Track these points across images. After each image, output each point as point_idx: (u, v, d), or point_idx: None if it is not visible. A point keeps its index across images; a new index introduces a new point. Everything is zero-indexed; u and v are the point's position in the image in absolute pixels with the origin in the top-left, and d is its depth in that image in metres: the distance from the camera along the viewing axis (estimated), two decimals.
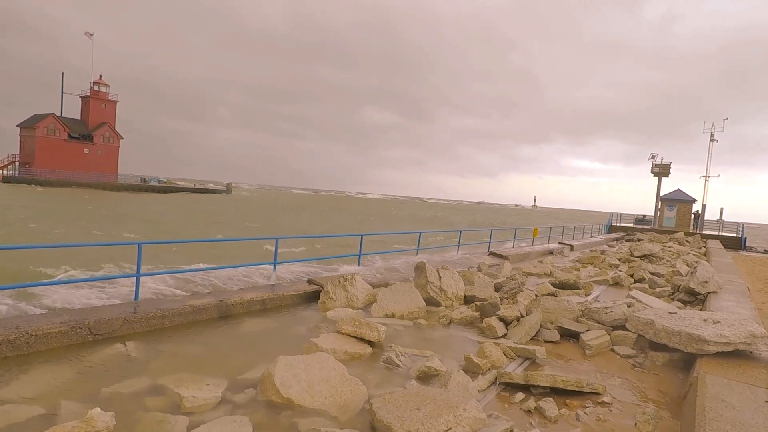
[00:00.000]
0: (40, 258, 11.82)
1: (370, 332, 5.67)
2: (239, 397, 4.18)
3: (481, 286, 8.91)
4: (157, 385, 4.30)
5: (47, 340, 4.86)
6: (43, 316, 5.27)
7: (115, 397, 4.02)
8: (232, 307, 6.56)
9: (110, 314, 5.45)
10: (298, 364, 4.37)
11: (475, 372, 5.10)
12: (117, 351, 5.01)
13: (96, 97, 70.02)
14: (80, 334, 5.10)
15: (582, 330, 6.64)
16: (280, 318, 6.78)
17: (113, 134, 71.51)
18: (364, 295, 7.77)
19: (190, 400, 3.92)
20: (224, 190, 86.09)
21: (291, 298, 7.40)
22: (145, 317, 5.62)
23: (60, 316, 5.28)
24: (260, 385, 4.26)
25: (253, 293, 7.08)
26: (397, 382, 4.84)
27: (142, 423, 3.61)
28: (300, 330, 6.33)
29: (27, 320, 5.05)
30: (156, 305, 6.01)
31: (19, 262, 11.37)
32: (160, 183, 79.35)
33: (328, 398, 4.16)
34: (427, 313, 7.57)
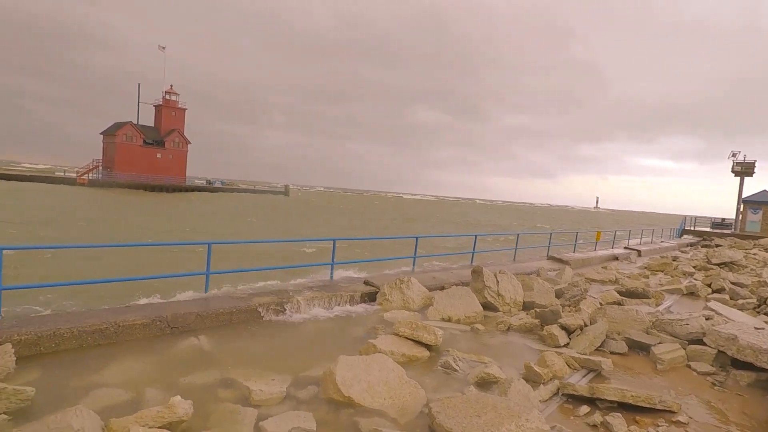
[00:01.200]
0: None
1: (427, 335, 5.68)
2: (302, 393, 4.35)
3: (541, 293, 8.63)
4: (228, 377, 4.57)
5: (132, 331, 5.33)
6: (129, 308, 5.78)
7: (191, 387, 4.32)
8: (293, 306, 6.81)
9: (185, 309, 5.87)
10: (358, 365, 4.47)
11: (536, 381, 4.96)
12: (191, 344, 5.38)
13: (167, 105, 75.34)
14: (159, 327, 5.54)
15: (653, 342, 6.25)
16: (337, 317, 6.96)
17: (182, 139, 76.56)
18: (420, 298, 7.79)
19: (258, 393, 4.13)
20: (282, 191, 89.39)
21: (348, 299, 7.56)
22: (215, 313, 6.00)
23: (142, 309, 5.76)
24: (322, 383, 4.41)
25: (312, 292, 7.32)
26: (455, 387, 4.82)
27: (216, 413, 3.86)
28: (357, 331, 6.46)
29: (115, 312, 5.55)
30: (224, 302, 6.39)
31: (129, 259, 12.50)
32: (223, 185, 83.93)
33: (387, 399, 4.23)
34: (484, 318, 7.46)
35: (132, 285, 9.15)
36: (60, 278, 8.42)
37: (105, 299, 8.01)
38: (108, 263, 14.03)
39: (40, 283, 7.52)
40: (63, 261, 14.35)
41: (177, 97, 76.59)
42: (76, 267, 13.63)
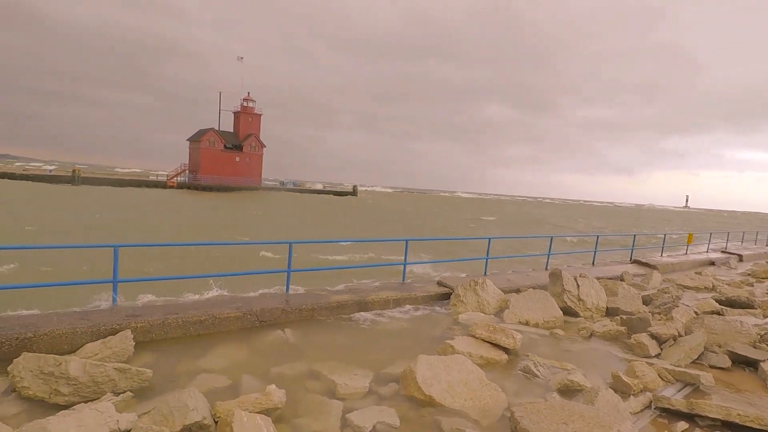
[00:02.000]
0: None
1: (505, 339, 5.61)
2: (384, 389, 4.50)
3: (627, 299, 8.12)
4: (313, 370, 4.84)
5: (226, 323, 5.81)
6: (223, 302, 6.31)
7: (281, 377, 4.64)
8: (369, 304, 7.04)
9: (272, 304, 6.29)
10: (438, 364, 4.53)
11: (625, 392, 4.72)
12: (278, 337, 5.76)
13: (245, 111, 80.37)
14: (249, 320, 5.99)
15: (762, 358, 5.66)
16: (413, 317, 7.06)
17: (258, 143, 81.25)
18: (495, 300, 7.68)
19: (343, 387, 4.35)
20: (350, 192, 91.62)
21: (422, 299, 7.65)
22: (298, 308, 6.36)
23: (234, 302, 6.26)
24: (402, 380, 4.53)
25: (387, 292, 7.49)
26: (536, 392, 4.72)
27: (305, 403, 4.13)
28: (433, 331, 6.52)
29: (212, 304, 6.10)
30: (306, 299, 6.75)
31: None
32: (295, 185, 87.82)
33: (468, 401, 4.25)
34: (564, 324, 7.18)
35: (219, 280, 9.93)
36: (164, 273, 9.39)
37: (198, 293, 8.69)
38: (208, 258, 15.25)
39: (146, 276, 8.41)
40: (168, 257, 15.87)
41: (253, 103, 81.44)
42: (173, 263, 15.02)
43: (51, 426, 2.73)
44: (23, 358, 4.01)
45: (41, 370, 3.87)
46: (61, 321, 5.03)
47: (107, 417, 2.99)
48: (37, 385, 3.84)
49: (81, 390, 3.84)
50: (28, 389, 3.84)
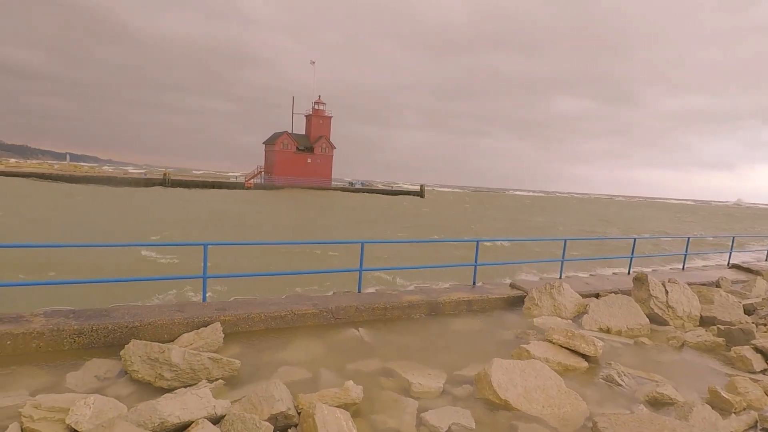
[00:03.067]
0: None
1: (585, 345, 5.34)
2: (458, 391, 4.49)
3: (725, 307, 7.37)
4: (387, 368, 4.96)
5: (304, 319, 6.12)
6: (301, 298, 6.65)
7: (357, 373, 4.80)
8: (440, 306, 7.04)
9: (345, 302, 6.52)
10: (514, 369, 4.44)
11: (725, 409, 4.31)
12: (352, 334, 5.96)
13: (316, 114, 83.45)
14: (325, 317, 6.25)
15: None
16: (486, 320, 6.96)
17: (328, 145, 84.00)
18: (573, 305, 7.33)
19: (417, 386, 4.41)
20: (418, 192, 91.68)
21: (495, 302, 7.50)
22: (371, 307, 6.53)
23: (311, 300, 6.56)
24: (476, 383, 4.49)
25: (459, 293, 7.44)
26: (621, 403, 4.46)
27: (380, 400, 4.24)
28: (506, 334, 6.38)
29: (291, 301, 6.45)
30: (378, 298, 6.90)
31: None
32: (363, 185, 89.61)
33: (546, 408, 4.12)
34: (650, 332, 6.69)
35: (294, 278, 10.43)
36: (249, 270, 10.10)
37: (280, 290, 9.20)
38: (285, 255, 16.08)
39: (234, 273, 9.08)
40: (251, 254, 16.98)
41: (324, 106, 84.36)
42: (260, 260, 16.01)
43: (161, 406, 3.07)
44: (132, 345, 4.52)
45: (148, 356, 4.34)
46: (162, 312, 5.59)
47: (206, 402, 3.29)
48: (145, 369, 4.31)
49: (181, 376, 4.26)
50: (137, 372, 4.33)
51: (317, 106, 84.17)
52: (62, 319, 5.09)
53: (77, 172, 69.84)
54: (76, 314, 5.26)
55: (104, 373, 4.46)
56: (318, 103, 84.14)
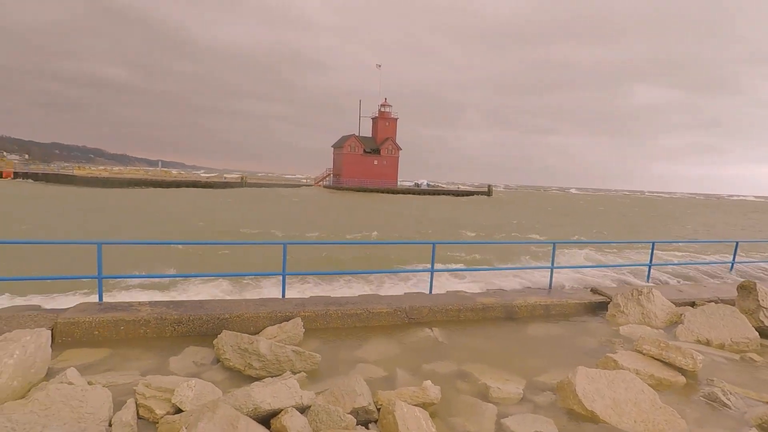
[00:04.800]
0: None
1: (682, 359, 4.91)
2: (539, 398, 4.33)
3: None
4: (463, 371, 4.90)
5: (379, 318, 6.23)
6: (375, 297, 6.78)
7: (432, 374, 4.79)
8: (516, 309, 6.83)
9: (419, 302, 6.54)
10: (600, 379, 4.20)
11: None
12: (427, 335, 5.96)
13: (382, 117, 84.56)
14: (399, 316, 6.31)
15: None
16: (565, 326, 6.63)
17: (394, 147, 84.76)
18: (665, 314, 6.76)
19: (495, 391, 4.31)
20: (485, 192, 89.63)
21: (574, 307, 7.13)
22: (445, 309, 6.49)
23: (386, 300, 6.67)
24: (559, 391, 4.30)
25: (535, 297, 7.17)
26: (726, 425, 4.04)
27: (457, 402, 4.20)
28: (588, 342, 6.03)
29: (367, 299, 6.60)
30: (451, 299, 6.84)
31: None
32: (429, 186, 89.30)
33: (638, 423, 3.84)
34: (760, 347, 5.99)
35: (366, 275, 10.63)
36: (323, 268, 10.53)
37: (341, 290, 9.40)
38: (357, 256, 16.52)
39: (309, 271, 9.49)
40: (323, 252, 17.65)
41: (389, 108, 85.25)
42: (328, 257, 16.59)
43: (254, 393, 3.29)
44: (224, 335, 4.88)
45: (238, 346, 4.66)
46: (248, 306, 5.98)
47: (293, 392, 3.47)
48: (236, 358, 4.63)
49: (267, 366, 4.52)
50: (229, 361, 4.66)
51: (383, 108, 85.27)
52: (164, 309, 5.63)
53: (167, 177, 76.73)
54: (175, 305, 5.79)
55: (200, 360, 4.86)
56: (384, 106, 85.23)
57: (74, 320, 5.19)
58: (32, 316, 5.39)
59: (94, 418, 3.14)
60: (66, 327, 5.11)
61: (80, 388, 3.35)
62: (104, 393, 3.38)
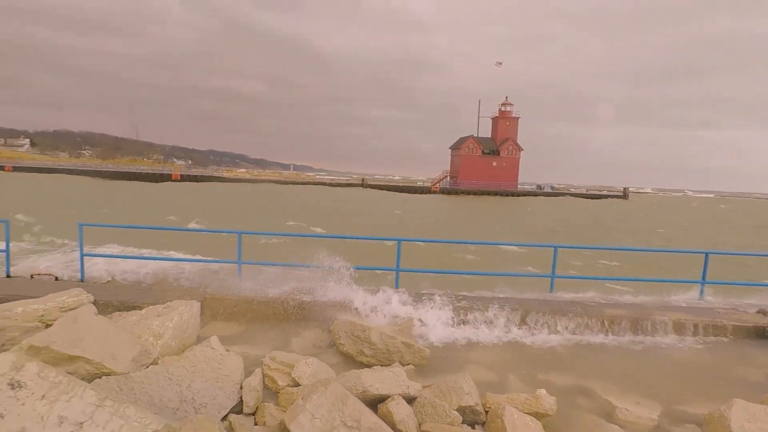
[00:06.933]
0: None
1: None
2: (679, 430, 3.74)
3: None
4: (584, 386, 4.46)
5: None
6: (488, 298, 6.55)
7: (547, 384, 4.44)
8: (651, 325, 5.99)
9: (537, 307, 6.13)
10: (765, 417, 3.46)
11: None
12: (544, 342, 5.56)
13: (502, 116, 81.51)
14: (514, 321, 5.99)
15: None
16: (718, 350, 5.62)
17: (515, 147, 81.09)
18: None
19: (623, 412, 3.84)
20: (620, 195, 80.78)
21: (733, 330, 6.00)
22: (564, 317, 5.98)
23: (499, 300, 6.39)
24: (707, 424, 3.66)
25: (677, 313, 6.22)
26: None
27: (576, 418, 3.84)
28: (750, 372, 5.03)
29: (478, 299, 6.41)
30: (571, 307, 6.27)
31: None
32: (552, 189, 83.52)
33: None
34: None
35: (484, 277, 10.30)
36: (440, 267, 10.57)
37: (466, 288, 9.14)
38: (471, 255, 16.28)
39: (423, 268, 9.55)
40: (439, 253, 17.70)
41: (511, 107, 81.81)
42: (445, 257, 16.56)
43: (363, 377, 3.42)
44: (340, 322, 5.16)
45: (352, 333, 4.89)
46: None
47: (401, 381, 3.53)
48: (349, 344, 4.87)
49: (378, 355, 4.67)
50: (343, 346, 4.92)
51: (503, 107, 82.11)
52: (288, 293, 6.17)
53: (298, 179, 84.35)
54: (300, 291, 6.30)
55: (318, 342, 5.22)
56: (504, 104, 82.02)
57: (218, 297, 5.98)
58: (187, 290, 6.36)
59: (229, 379, 3.57)
60: (211, 302, 5.92)
61: (220, 354, 3.85)
62: (238, 360, 3.83)
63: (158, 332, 4.25)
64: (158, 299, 5.50)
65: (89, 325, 3.44)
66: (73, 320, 3.41)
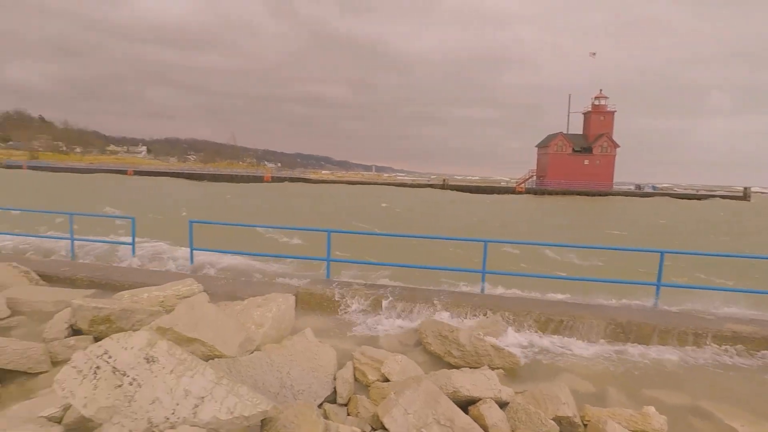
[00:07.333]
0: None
1: None
2: None
3: None
4: (701, 407, 4.00)
5: (586, 328, 5.61)
6: (583, 306, 6.14)
7: (655, 402, 4.04)
8: None
9: (640, 318, 5.63)
10: None
11: None
12: (648, 355, 5.08)
13: (596, 111, 75.84)
14: (613, 330, 5.55)
15: None
16: None
17: (610, 143, 75.05)
18: None
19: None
20: (739, 195, 71.16)
21: None
22: (675, 330, 5.40)
23: (598, 309, 5.97)
24: None
25: None
26: None
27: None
28: None
29: (571, 306, 6.05)
30: (683, 319, 5.66)
31: None
32: (655, 190, 75.99)
33: None
34: None
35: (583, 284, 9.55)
36: (527, 270, 10.18)
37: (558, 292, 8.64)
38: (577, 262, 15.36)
39: (510, 271, 9.21)
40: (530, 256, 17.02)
41: (605, 100, 75.87)
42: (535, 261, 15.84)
43: (454, 377, 3.39)
44: (427, 321, 5.17)
45: (439, 333, 4.87)
46: (452, 297, 6.18)
47: (492, 384, 3.44)
48: (437, 344, 4.85)
49: (466, 356, 4.59)
50: (430, 345, 4.92)
51: (597, 101, 76.29)
52: (376, 291, 6.31)
53: (379, 180, 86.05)
54: (390, 290, 6.42)
55: (405, 340, 5.27)
56: (598, 98, 76.17)
57: (310, 291, 6.31)
58: (282, 284, 6.79)
59: (324, 370, 3.75)
60: (304, 295, 6.25)
61: (315, 345, 4.05)
62: (332, 352, 4.01)
63: (259, 322, 4.59)
64: (257, 291, 5.94)
65: (204, 311, 3.81)
66: (191, 306, 3.80)
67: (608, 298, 7.04)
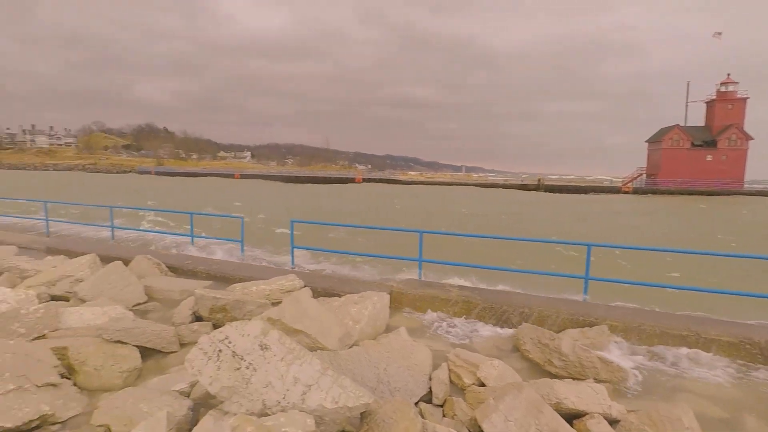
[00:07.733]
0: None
1: None
2: None
3: None
4: None
5: (711, 344, 4.95)
6: (709, 321, 5.43)
7: None
8: None
9: None
10: None
11: None
12: None
13: (722, 99, 66.48)
14: (748, 351, 4.83)
15: None
16: None
17: (741, 136, 65.28)
18: None
19: None
20: None
21: None
22: None
23: (728, 326, 5.24)
24: None
25: None
26: None
27: None
28: None
29: (695, 321, 5.38)
30: None
31: None
32: None
33: None
34: None
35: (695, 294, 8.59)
36: (639, 278, 9.28)
37: (680, 306, 7.77)
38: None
39: (617, 278, 8.45)
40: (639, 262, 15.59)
41: (735, 86, 66.12)
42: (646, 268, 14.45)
43: (557, 387, 3.21)
44: (525, 327, 4.95)
45: (539, 340, 4.64)
46: (549, 304, 5.87)
47: (601, 399, 3.19)
48: (535, 351, 4.63)
49: (569, 367, 4.32)
50: (528, 352, 4.71)
51: (724, 87, 66.65)
52: (470, 293, 6.21)
53: (469, 180, 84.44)
54: (479, 291, 6.30)
55: (500, 345, 5.11)
56: (726, 83, 66.47)
57: (403, 291, 6.39)
58: (377, 282, 6.97)
59: (419, 369, 3.78)
60: (397, 295, 6.35)
61: (410, 343, 4.10)
62: (427, 351, 4.02)
63: (356, 318, 4.77)
64: (353, 289, 6.17)
65: (307, 305, 4.06)
66: (296, 300, 4.08)
67: (735, 315, 6.16)
